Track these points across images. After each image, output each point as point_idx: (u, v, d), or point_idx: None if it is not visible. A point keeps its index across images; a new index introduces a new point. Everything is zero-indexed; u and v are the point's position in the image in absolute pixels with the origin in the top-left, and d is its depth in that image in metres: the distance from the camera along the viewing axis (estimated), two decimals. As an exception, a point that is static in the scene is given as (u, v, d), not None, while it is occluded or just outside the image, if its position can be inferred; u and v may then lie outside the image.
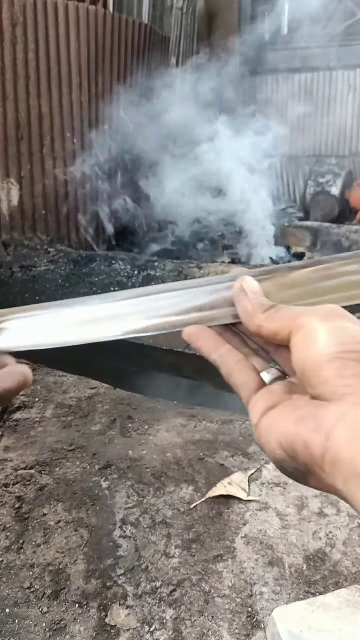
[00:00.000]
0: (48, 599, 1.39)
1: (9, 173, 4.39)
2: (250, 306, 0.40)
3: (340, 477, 0.32)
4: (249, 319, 0.40)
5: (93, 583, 1.44)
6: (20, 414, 2.21)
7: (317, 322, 0.36)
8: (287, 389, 0.39)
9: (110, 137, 4.83)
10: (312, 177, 6.46)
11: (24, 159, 4.45)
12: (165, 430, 2.11)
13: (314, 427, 0.33)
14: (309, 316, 0.36)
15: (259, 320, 0.39)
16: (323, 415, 0.33)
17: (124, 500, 1.71)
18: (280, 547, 1.54)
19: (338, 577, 1.46)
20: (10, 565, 1.48)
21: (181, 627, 1.33)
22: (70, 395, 2.38)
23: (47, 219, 4.66)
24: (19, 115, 4.33)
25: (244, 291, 0.41)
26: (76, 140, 4.64)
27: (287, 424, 0.35)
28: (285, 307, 0.39)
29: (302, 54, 6.67)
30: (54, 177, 4.60)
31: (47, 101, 4.44)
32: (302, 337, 0.36)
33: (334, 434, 0.32)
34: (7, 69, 4.19)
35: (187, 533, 1.59)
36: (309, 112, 6.66)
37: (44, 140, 4.50)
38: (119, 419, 2.19)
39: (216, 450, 1.96)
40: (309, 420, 0.33)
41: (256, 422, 0.38)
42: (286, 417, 0.35)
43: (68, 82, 4.53)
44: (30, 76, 4.31)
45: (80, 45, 4.52)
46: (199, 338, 0.43)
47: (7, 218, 4.47)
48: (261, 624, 1.33)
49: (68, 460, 1.90)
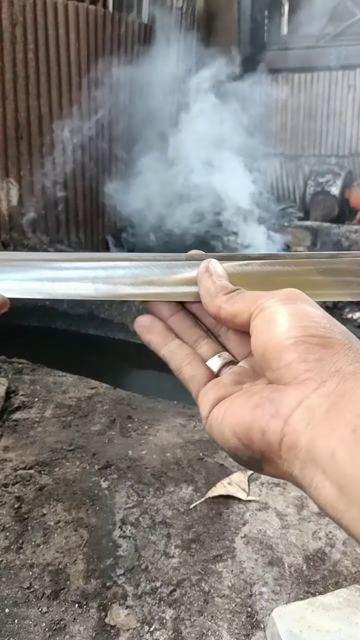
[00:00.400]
0: (48, 599, 1.39)
1: (9, 173, 4.39)
2: (213, 288, 0.40)
3: (298, 464, 0.31)
4: (210, 299, 0.39)
5: (93, 583, 1.44)
6: (19, 414, 2.21)
7: (279, 304, 0.35)
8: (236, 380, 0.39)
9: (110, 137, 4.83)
10: (312, 177, 6.46)
11: (24, 159, 4.45)
12: (165, 430, 2.11)
13: (272, 412, 0.32)
14: (270, 298, 0.36)
15: (220, 301, 0.39)
16: (281, 400, 0.32)
17: (123, 501, 1.71)
18: (280, 547, 1.54)
19: (338, 577, 1.46)
20: (9, 566, 1.48)
21: (181, 627, 1.33)
22: (70, 395, 2.38)
23: (46, 219, 4.66)
24: (19, 115, 4.33)
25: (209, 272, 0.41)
26: (76, 140, 4.65)
27: (242, 411, 0.34)
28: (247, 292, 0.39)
29: (302, 54, 6.67)
30: (53, 177, 4.60)
31: (47, 101, 4.44)
32: (264, 319, 0.35)
33: (292, 419, 0.31)
34: (7, 69, 4.19)
35: (187, 533, 1.59)
36: (308, 112, 6.67)
37: (43, 140, 4.50)
38: (118, 419, 2.19)
39: (216, 450, 1.96)
40: (267, 406, 0.33)
41: (206, 414, 0.38)
42: (241, 405, 0.35)
43: (68, 82, 4.53)
44: (30, 76, 4.31)
45: (80, 45, 4.52)
46: (149, 331, 0.43)
47: (7, 218, 4.46)
48: (261, 624, 1.33)
49: (68, 461, 1.90)
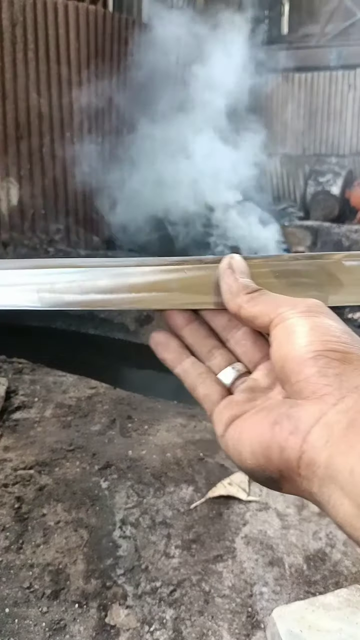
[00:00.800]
0: (48, 599, 1.39)
1: (9, 172, 4.39)
2: (235, 286, 0.39)
3: (316, 481, 0.31)
4: (231, 297, 0.39)
5: (93, 583, 1.44)
6: (19, 414, 2.21)
7: (300, 316, 0.35)
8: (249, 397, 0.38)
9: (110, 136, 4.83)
10: (313, 177, 6.46)
11: (24, 158, 4.45)
12: (165, 430, 2.11)
13: (290, 429, 0.32)
14: (291, 308, 0.36)
15: (241, 301, 0.38)
16: (300, 416, 0.32)
17: (123, 501, 1.71)
18: (281, 547, 1.54)
19: (338, 577, 1.46)
20: (10, 566, 1.48)
21: (181, 627, 1.33)
22: (70, 395, 2.38)
23: (46, 218, 4.66)
24: (19, 115, 4.32)
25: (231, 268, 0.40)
26: (76, 140, 4.64)
27: (260, 430, 0.34)
28: (269, 294, 0.38)
29: (302, 54, 6.67)
30: (53, 176, 4.60)
31: (47, 101, 4.44)
32: (284, 330, 0.35)
33: (311, 436, 0.31)
34: (7, 69, 4.19)
35: (187, 533, 1.59)
36: (309, 112, 6.67)
37: (43, 140, 4.50)
38: (118, 419, 2.19)
39: (216, 450, 1.96)
40: (285, 423, 0.32)
41: (222, 433, 0.37)
42: (258, 423, 0.34)
43: (68, 82, 4.53)
44: (30, 76, 4.31)
45: (80, 45, 4.52)
46: (165, 349, 0.42)
47: (7, 218, 4.46)
48: (261, 624, 1.33)
49: (68, 461, 1.90)
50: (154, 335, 0.43)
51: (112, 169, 4.94)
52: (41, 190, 4.56)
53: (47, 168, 4.57)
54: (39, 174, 4.53)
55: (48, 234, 4.66)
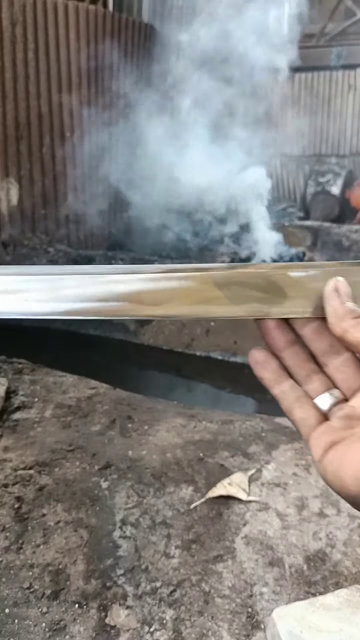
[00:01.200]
0: (48, 599, 1.39)
1: (9, 173, 4.39)
2: (342, 310, 0.39)
3: None
4: (337, 321, 0.39)
5: (93, 583, 1.44)
6: (19, 414, 2.21)
7: None
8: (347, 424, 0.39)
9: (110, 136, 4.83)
10: (313, 177, 6.46)
11: (24, 158, 4.45)
12: (165, 431, 2.11)
13: None
14: None
15: (347, 325, 0.39)
16: None
17: (123, 501, 1.71)
18: (281, 548, 1.54)
19: (338, 578, 1.46)
20: (10, 566, 1.48)
21: (181, 628, 1.33)
22: (70, 396, 2.38)
23: (46, 218, 4.66)
24: (19, 115, 4.32)
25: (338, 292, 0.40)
26: (76, 140, 4.64)
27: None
28: None
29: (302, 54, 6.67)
30: (53, 176, 4.60)
31: (47, 101, 4.44)
32: None
33: None
34: (7, 69, 4.19)
35: (187, 533, 1.59)
36: (309, 112, 6.67)
37: (43, 140, 4.50)
38: (118, 419, 2.19)
39: (216, 450, 1.96)
40: None
41: (319, 458, 0.38)
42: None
43: (68, 82, 4.53)
44: (30, 76, 4.31)
45: (80, 45, 4.52)
46: (264, 368, 0.42)
47: (7, 218, 4.46)
48: (261, 624, 1.33)
49: (68, 461, 1.90)
50: (254, 352, 0.43)
51: (112, 169, 4.95)
52: (41, 190, 4.56)
53: (47, 168, 4.57)
54: (39, 174, 4.53)
55: (48, 234, 4.66)
